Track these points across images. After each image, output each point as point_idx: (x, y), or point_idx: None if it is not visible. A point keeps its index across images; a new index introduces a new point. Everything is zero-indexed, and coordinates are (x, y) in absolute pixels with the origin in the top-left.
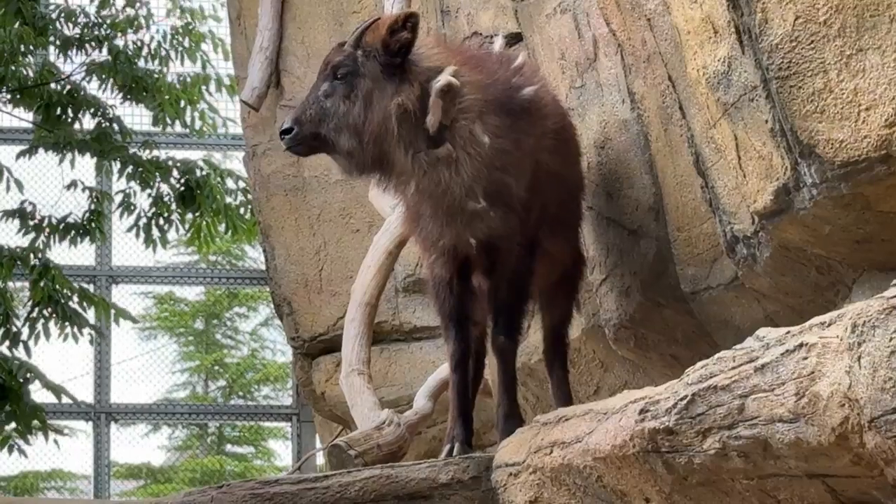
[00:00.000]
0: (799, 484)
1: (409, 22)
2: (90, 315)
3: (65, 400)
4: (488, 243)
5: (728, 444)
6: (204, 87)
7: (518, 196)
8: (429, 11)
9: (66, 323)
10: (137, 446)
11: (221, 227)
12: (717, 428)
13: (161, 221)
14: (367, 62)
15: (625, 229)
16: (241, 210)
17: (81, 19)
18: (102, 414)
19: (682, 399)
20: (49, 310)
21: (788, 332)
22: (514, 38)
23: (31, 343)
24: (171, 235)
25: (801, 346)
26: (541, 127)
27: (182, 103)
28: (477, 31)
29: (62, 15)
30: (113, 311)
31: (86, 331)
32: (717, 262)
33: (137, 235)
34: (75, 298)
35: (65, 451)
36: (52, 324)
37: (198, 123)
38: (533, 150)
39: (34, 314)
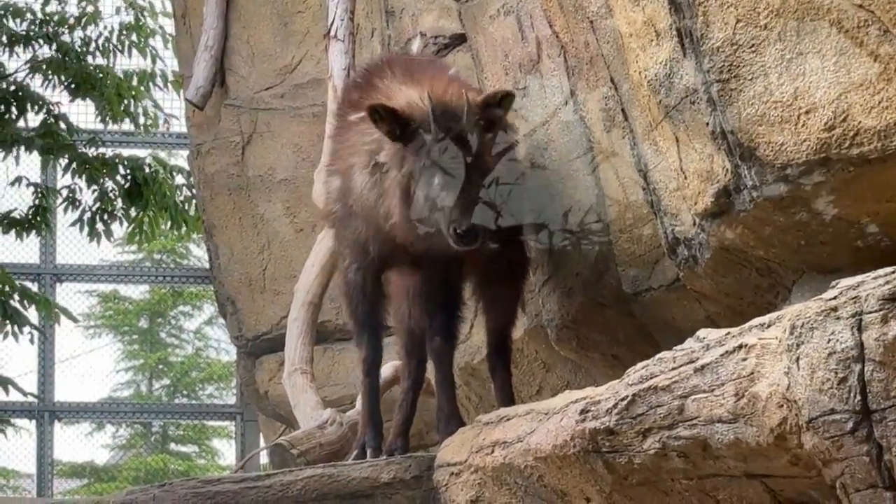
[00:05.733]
0: (738, 484)
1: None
2: (31, 313)
3: (12, 396)
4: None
5: (668, 444)
6: (150, 83)
7: None
8: (373, 12)
9: (7, 321)
10: (81, 445)
11: (166, 224)
12: (657, 428)
13: (105, 216)
14: None
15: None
16: (187, 206)
17: (28, 16)
18: (46, 412)
19: (622, 399)
20: None
21: (728, 333)
22: (458, 39)
23: None
24: (116, 230)
25: (740, 347)
26: None
27: (126, 99)
28: (421, 32)
29: (9, 11)
30: (55, 310)
31: (26, 329)
32: (659, 263)
33: (81, 230)
34: (16, 297)
35: (8, 449)
36: None
37: (142, 119)
38: None
39: None
